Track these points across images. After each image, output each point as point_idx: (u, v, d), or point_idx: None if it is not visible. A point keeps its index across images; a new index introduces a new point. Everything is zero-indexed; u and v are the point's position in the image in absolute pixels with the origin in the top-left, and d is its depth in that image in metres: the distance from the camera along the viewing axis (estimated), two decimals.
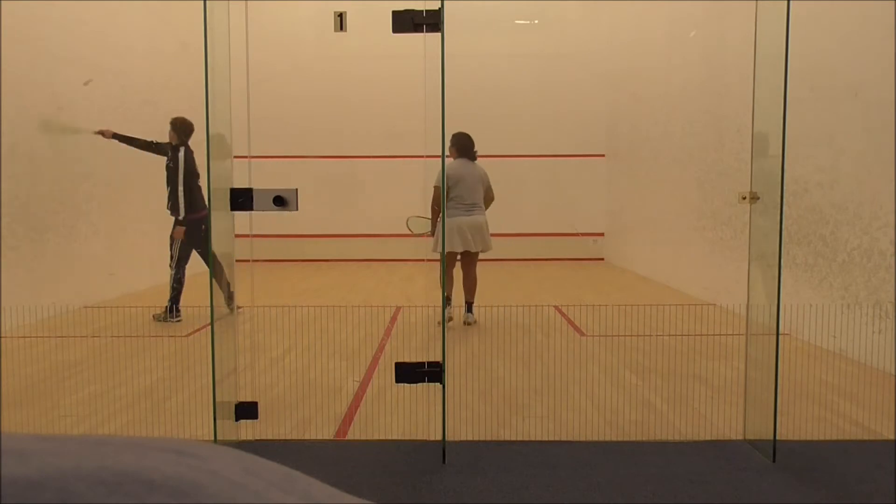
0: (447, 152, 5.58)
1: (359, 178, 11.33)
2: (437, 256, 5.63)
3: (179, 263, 6.01)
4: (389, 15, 2.76)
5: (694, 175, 7.39)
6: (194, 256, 6.08)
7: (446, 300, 5.65)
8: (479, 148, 5.72)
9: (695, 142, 7.36)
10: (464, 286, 5.71)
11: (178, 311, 5.94)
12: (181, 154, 6.08)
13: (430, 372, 2.99)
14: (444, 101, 2.75)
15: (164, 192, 8.57)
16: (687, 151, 7.59)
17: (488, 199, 5.80)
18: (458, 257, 5.72)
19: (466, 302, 5.69)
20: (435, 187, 5.65)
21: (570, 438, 3.10)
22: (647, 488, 2.58)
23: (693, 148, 7.41)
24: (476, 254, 5.70)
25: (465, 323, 5.64)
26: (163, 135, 8.43)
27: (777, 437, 2.81)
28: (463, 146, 5.65)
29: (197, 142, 6.14)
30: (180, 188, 5.95)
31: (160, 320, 5.90)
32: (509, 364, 4.42)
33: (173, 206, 5.97)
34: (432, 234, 5.70)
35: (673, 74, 7.94)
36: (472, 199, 5.62)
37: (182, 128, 6.17)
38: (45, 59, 6.17)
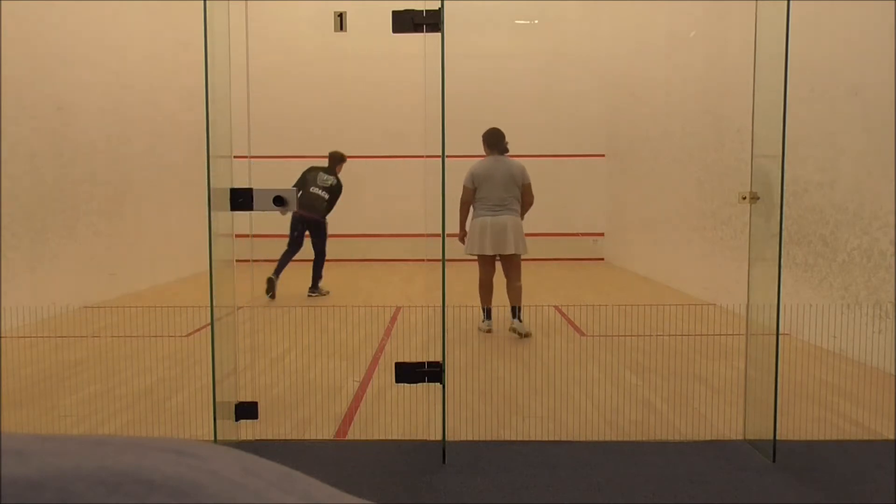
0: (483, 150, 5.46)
1: (359, 178, 11.32)
2: (471, 258, 5.41)
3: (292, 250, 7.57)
4: (389, 15, 2.76)
5: (694, 175, 7.39)
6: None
7: (485, 312, 5.33)
8: (478, 147, 5.64)
9: (695, 142, 7.36)
10: (507, 293, 5.32)
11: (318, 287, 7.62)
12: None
13: (430, 372, 2.99)
14: (444, 101, 2.75)
15: (163, 194, 8.61)
16: (687, 151, 7.59)
17: (525, 201, 5.38)
18: (498, 260, 5.38)
19: (512, 307, 5.27)
20: (464, 187, 5.35)
21: (570, 438, 3.10)
22: (647, 488, 2.58)
23: (693, 148, 7.41)
24: (514, 256, 5.29)
25: (510, 329, 5.21)
26: (162, 135, 8.46)
27: (777, 437, 2.81)
28: (490, 141, 5.35)
29: (197, 142, 6.15)
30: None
31: (315, 295, 7.55)
32: (509, 364, 4.42)
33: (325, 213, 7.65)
34: (460, 235, 5.37)
35: (673, 74, 7.94)
36: (499, 199, 5.25)
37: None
38: (45, 59, 6.17)
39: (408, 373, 3.00)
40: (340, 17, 3.33)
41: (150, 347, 4.89)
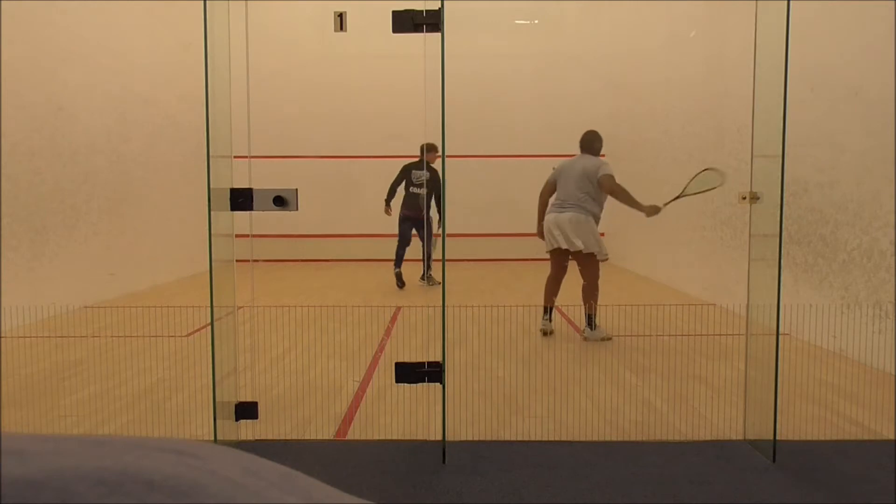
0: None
1: (358, 179, 11.34)
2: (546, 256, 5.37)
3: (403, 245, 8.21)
4: (389, 15, 2.76)
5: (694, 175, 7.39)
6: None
7: (544, 310, 5.21)
8: (478, 147, 5.64)
9: (695, 142, 7.36)
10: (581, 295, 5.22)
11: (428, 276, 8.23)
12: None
13: (430, 372, 2.99)
14: (444, 102, 2.75)
15: (163, 194, 8.61)
16: (687, 151, 7.59)
17: (613, 193, 5.25)
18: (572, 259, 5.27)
19: (586, 314, 5.12)
20: (546, 181, 5.42)
21: (570, 438, 3.10)
22: (647, 488, 2.58)
23: (693, 148, 7.41)
24: (587, 256, 5.13)
25: (584, 338, 5.08)
26: (162, 135, 8.46)
27: (777, 437, 2.81)
28: (582, 142, 5.43)
29: (197, 142, 6.16)
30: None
31: (423, 283, 8.23)
32: (509, 364, 4.42)
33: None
34: (537, 231, 5.40)
35: (673, 74, 7.94)
36: (569, 196, 5.21)
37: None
38: (45, 59, 6.17)
39: (408, 373, 3.00)
40: (340, 17, 3.33)
41: (150, 347, 4.89)
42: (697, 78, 7.24)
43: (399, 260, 8.11)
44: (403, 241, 8.12)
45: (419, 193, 7.94)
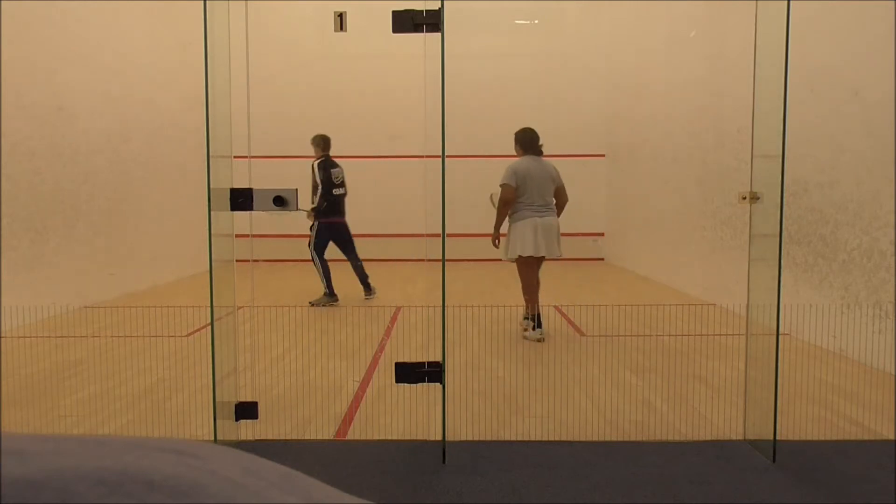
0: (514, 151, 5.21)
1: (358, 179, 11.34)
2: (507, 260, 5.24)
3: (318, 251, 6.98)
4: (389, 15, 2.76)
5: (694, 175, 7.39)
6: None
7: (535, 319, 5.04)
8: (478, 147, 5.63)
9: (695, 142, 7.36)
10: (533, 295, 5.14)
11: (332, 293, 6.88)
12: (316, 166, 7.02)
13: (430, 372, 2.99)
14: (444, 102, 2.75)
15: (163, 194, 8.61)
16: (687, 151, 7.59)
17: (561, 201, 5.29)
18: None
19: (535, 314, 5.06)
20: (503, 185, 5.16)
21: (570, 438, 3.10)
22: (647, 488, 2.58)
23: (693, 148, 7.41)
24: (541, 259, 5.17)
25: (525, 337, 5.07)
26: (162, 135, 8.46)
27: (777, 437, 2.81)
28: (527, 141, 5.19)
29: (197, 142, 6.16)
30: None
31: (320, 305, 6.74)
32: (509, 364, 4.42)
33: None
34: (494, 237, 5.27)
35: (673, 74, 7.94)
36: (544, 199, 5.13)
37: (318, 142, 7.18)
38: (45, 59, 6.17)
39: (408, 373, 3.00)
40: (340, 17, 3.33)
41: (150, 347, 4.89)
42: (697, 78, 7.24)
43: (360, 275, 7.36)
44: (347, 253, 7.39)
45: (341, 194, 7.10)
